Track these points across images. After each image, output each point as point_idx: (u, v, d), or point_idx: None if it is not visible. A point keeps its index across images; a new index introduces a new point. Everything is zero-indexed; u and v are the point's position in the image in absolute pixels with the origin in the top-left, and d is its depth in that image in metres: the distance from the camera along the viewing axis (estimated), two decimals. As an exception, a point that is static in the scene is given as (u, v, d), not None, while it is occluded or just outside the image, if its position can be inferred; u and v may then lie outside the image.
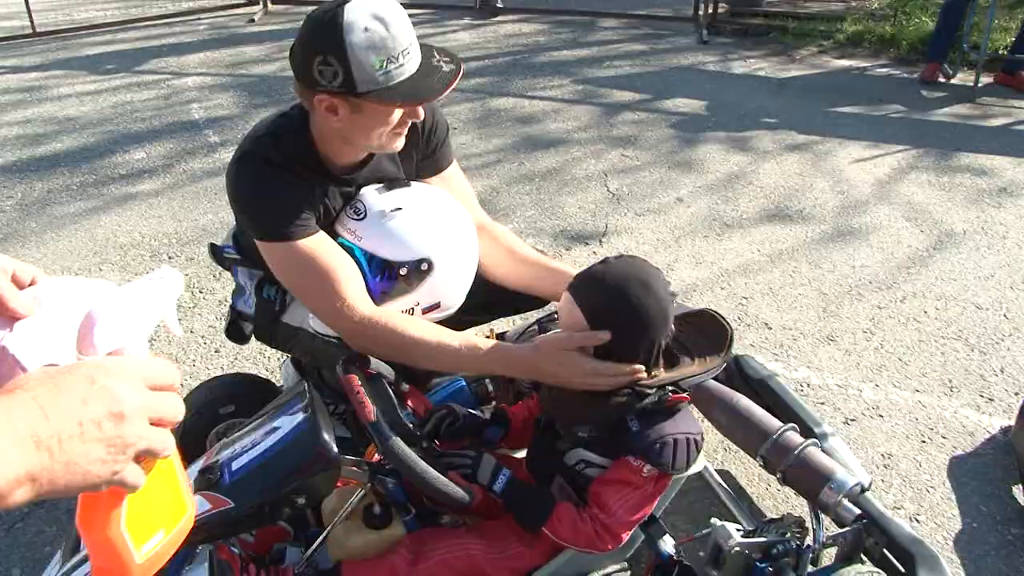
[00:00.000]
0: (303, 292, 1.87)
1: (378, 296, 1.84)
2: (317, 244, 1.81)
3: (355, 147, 1.87)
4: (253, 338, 2.24)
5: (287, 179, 1.80)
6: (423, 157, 2.05)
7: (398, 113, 1.75)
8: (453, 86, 1.76)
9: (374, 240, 1.83)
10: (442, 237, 1.86)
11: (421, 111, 1.80)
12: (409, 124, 1.82)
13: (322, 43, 1.65)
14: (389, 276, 1.83)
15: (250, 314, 2.15)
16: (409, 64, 1.70)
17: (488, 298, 2.13)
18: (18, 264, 0.83)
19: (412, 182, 1.96)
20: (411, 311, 1.87)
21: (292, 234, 1.79)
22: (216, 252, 2.21)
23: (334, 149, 1.86)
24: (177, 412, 0.76)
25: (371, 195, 1.88)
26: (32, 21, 6.87)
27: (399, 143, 1.85)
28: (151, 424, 0.72)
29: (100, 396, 0.68)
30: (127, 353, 0.76)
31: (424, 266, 1.82)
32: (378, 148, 1.86)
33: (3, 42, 6.86)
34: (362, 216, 1.85)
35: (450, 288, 1.92)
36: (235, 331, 2.23)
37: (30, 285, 0.82)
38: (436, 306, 1.92)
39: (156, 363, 0.76)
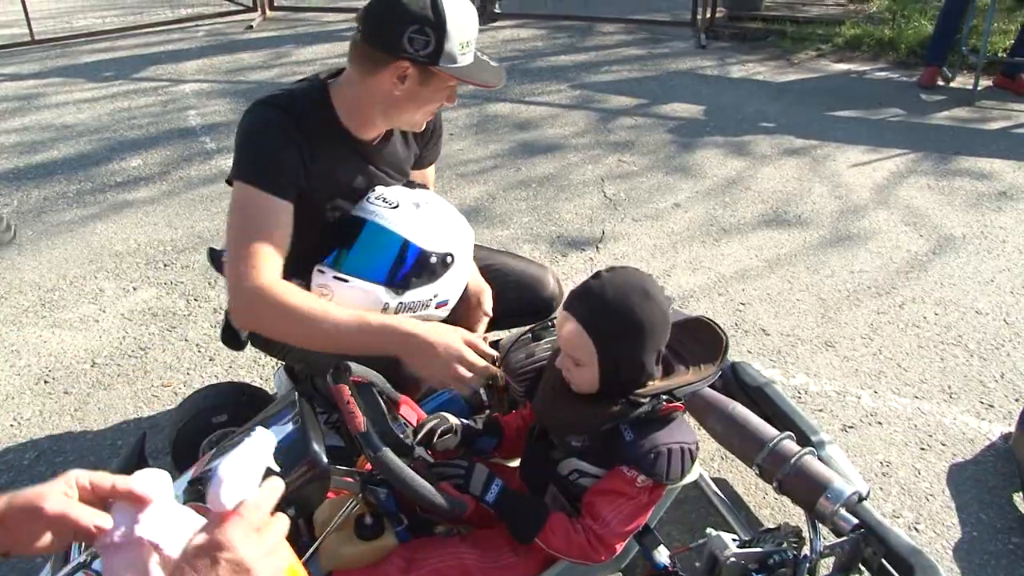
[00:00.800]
0: (230, 237, 1.86)
1: (401, 280, 1.90)
2: (271, 205, 1.83)
3: (388, 120, 1.96)
4: (248, 346, 2.22)
5: (290, 136, 1.86)
6: (420, 152, 2.17)
7: (445, 94, 1.91)
8: (503, 81, 1.98)
9: (411, 228, 1.90)
10: (460, 235, 2.00)
11: (447, 103, 1.96)
12: (451, 103, 1.97)
13: (422, 15, 1.76)
14: (419, 263, 1.90)
15: None
16: (472, 52, 1.87)
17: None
18: (93, 475, 0.96)
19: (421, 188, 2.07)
20: (427, 303, 1.95)
21: (260, 183, 1.82)
22: (215, 257, 2.21)
23: (361, 120, 1.95)
24: (282, 532, 0.94)
25: (399, 189, 2.00)
26: (31, 29, 6.87)
27: (424, 123, 2.01)
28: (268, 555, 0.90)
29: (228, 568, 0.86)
30: (247, 503, 0.90)
31: (449, 259, 1.93)
32: (410, 124, 1.99)
33: (2, 50, 6.85)
34: (396, 206, 1.93)
35: (459, 285, 2.04)
36: (231, 337, 2.21)
37: (113, 490, 0.95)
38: (445, 303, 2.01)
39: (263, 505, 0.92)
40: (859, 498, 1.84)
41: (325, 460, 1.56)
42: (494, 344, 2.21)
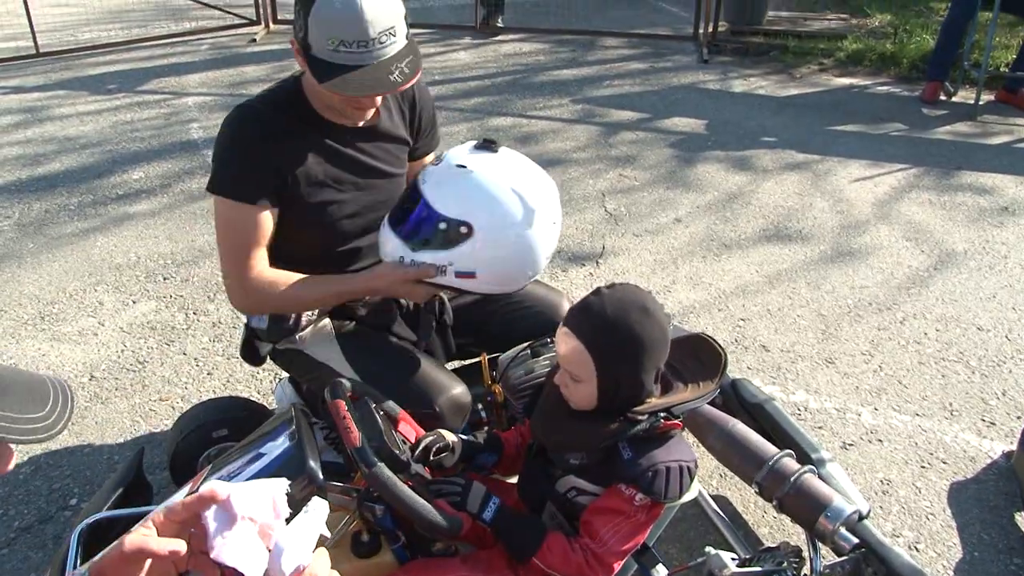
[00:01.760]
0: (218, 246, 2.00)
1: (408, 236, 1.88)
2: (244, 214, 1.90)
3: (324, 108, 1.94)
4: (245, 359, 2.22)
5: (261, 140, 1.89)
6: (414, 142, 2.16)
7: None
8: (375, 96, 1.87)
9: (431, 187, 1.85)
10: (496, 210, 1.82)
11: (364, 99, 1.86)
12: (368, 105, 1.90)
13: (305, 5, 1.75)
14: (428, 224, 1.84)
15: (264, 330, 2.13)
16: (364, 57, 1.74)
17: (502, 331, 2.20)
18: (163, 508, 1.02)
19: (507, 151, 1.93)
20: (443, 269, 1.86)
21: (230, 194, 1.90)
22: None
23: (322, 107, 1.94)
24: None
25: (458, 148, 1.91)
26: (36, 42, 6.89)
27: (360, 117, 1.95)
28: None
29: None
30: (305, 570, 1.00)
31: (463, 229, 1.81)
32: (342, 115, 1.94)
33: (7, 63, 6.87)
34: (439, 163, 1.89)
35: (492, 265, 1.88)
36: (249, 351, 2.20)
37: (184, 507, 1.01)
38: (471, 275, 1.88)
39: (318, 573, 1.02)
40: (859, 517, 1.82)
41: (321, 476, 1.56)
42: (493, 360, 2.21)
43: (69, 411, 1.06)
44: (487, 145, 1.88)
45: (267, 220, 1.93)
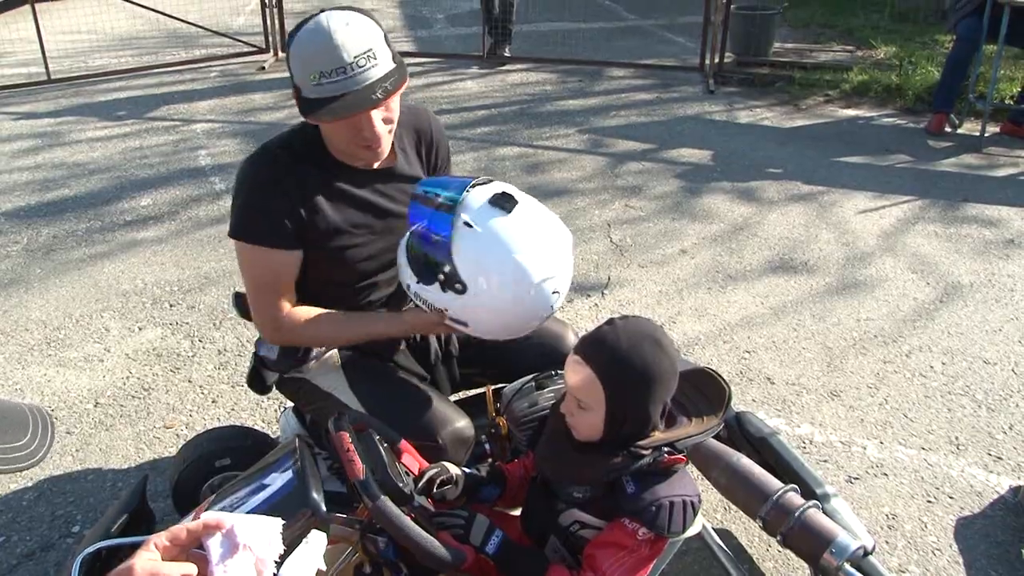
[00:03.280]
0: (248, 291, 2.00)
1: (418, 271, 1.85)
2: (266, 257, 1.91)
3: (334, 150, 1.95)
4: (251, 388, 2.22)
5: (279, 185, 1.89)
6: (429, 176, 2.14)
7: (339, 125, 1.82)
8: (375, 128, 1.84)
9: (457, 243, 1.80)
10: (492, 280, 1.76)
11: (365, 132, 1.84)
12: (372, 141, 1.87)
13: (286, 47, 1.82)
14: (432, 268, 1.80)
15: (273, 359, 2.13)
16: (346, 83, 1.75)
17: (506, 363, 2.19)
18: (168, 533, 1.04)
19: (522, 208, 1.82)
20: (442, 312, 1.84)
21: (251, 239, 1.90)
22: (240, 302, 2.19)
23: (335, 151, 1.96)
24: None
25: (476, 195, 1.81)
26: (47, 68, 6.96)
27: (372, 156, 1.93)
28: None
29: None
30: None
31: (458, 285, 1.77)
32: (350, 156, 1.95)
33: (19, 88, 6.94)
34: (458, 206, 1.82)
35: (484, 321, 1.85)
36: (256, 380, 2.21)
37: (189, 534, 1.04)
38: (464, 324, 1.85)
39: None
40: (864, 552, 1.81)
41: (324, 508, 1.55)
42: (497, 392, 2.20)
43: (49, 439, 1.08)
44: (503, 203, 1.79)
45: (291, 262, 1.95)
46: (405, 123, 2.05)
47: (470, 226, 1.76)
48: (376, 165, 1.99)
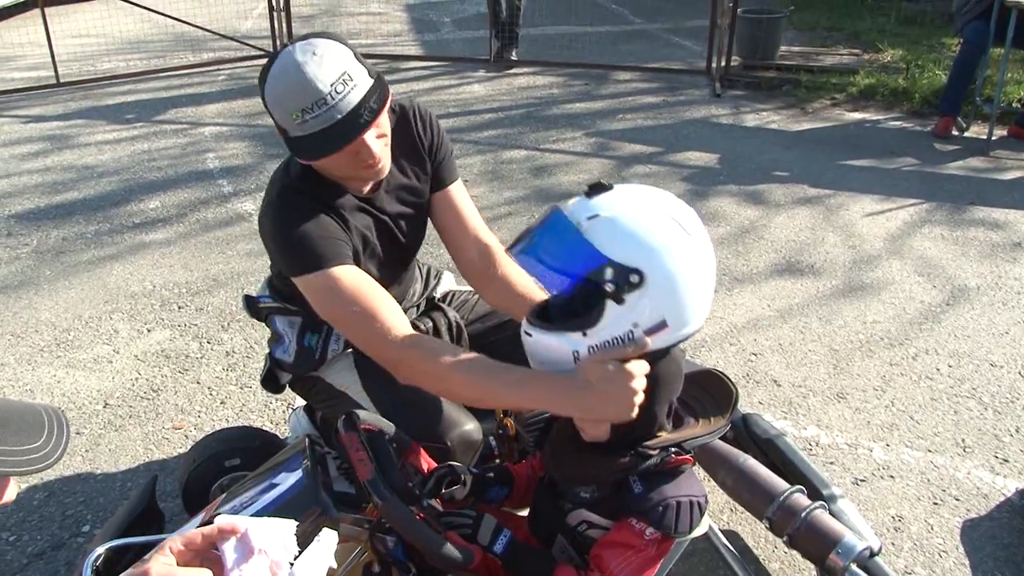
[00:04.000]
0: (342, 321, 1.87)
1: (573, 323, 1.53)
2: (350, 273, 1.83)
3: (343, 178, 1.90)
4: (261, 389, 2.24)
5: (316, 209, 1.84)
6: (432, 172, 2.09)
7: (337, 155, 1.76)
8: (350, 141, 1.73)
9: (566, 259, 1.53)
10: (652, 235, 1.48)
11: (363, 155, 1.79)
12: (369, 159, 1.81)
13: (261, 93, 1.76)
14: (593, 292, 1.49)
15: (289, 363, 2.14)
16: (330, 113, 1.70)
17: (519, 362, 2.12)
18: (182, 537, 1.06)
19: (615, 185, 1.56)
20: (631, 335, 1.49)
21: (325, 263, 1.80)
22: (251, 304, 2.19)
23: (336, 177, 1.90)
24: None
25: (570, 203, 1.55)
26: (57, 71, 7.00)
27: (373, 173, 1.86)
28: None
29: None
30: None
31: (634, 278, 1.45)
32: (356, 180, 1.89)
33: (28, 92, 6.98)
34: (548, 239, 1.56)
35: (681, 300, 1.51)
36: (271, 381, 2.22)
37: (204, 539, 1.07)
38: (662, 325, 1.50)
39: None
40: (871, 553, 1.82)
41: (333, 508, 1.56)
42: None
43: (65, 440, 1.07)
44: (599, 187, 1.54)
45: (367, 277, 1.86)
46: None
47: (596, 216, 1.48)
48: (373, 189, 1.97)
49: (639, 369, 1.51)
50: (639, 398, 1.52)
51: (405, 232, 2.08)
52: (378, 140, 1.81)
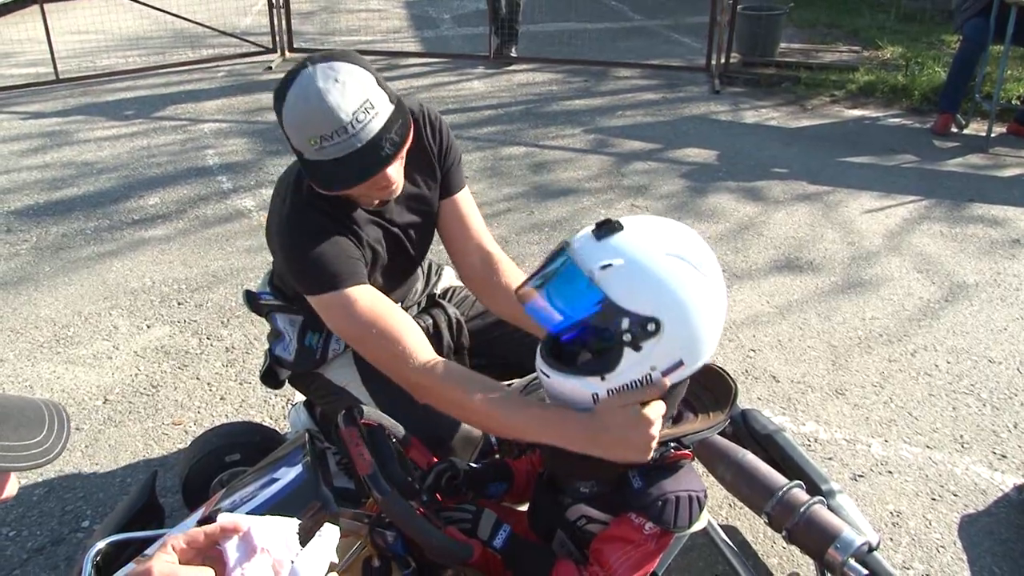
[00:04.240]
0: (359, 341, 1.85)
1: (591, 368, 1.54)
2: (367, 293, 1.81)
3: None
4: (259, 385, 2.24)
5: (329, 225, 1.82)
6: (442, 177, 2.07)
7: None
8: (370, 178, 1.72)
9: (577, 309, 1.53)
10: (665, 283, 1.47)
11: (381, 183, 1.76)
12: (389, 182, 1.79)
13: (277, 112, 1.72)
14: (610, 341, 1.50)
15: (289, 361, 2.14)
16: (350, 142, 1.66)
17: (517, 358, 2.14)
18: (184, 536, 1.06)
19: (629, 221, 1.54)
20: (649, 378, 1.51)
21: (340, 283, 1.79)
22: (252, 299, 2.19)
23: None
24: None
25: (579, 244, 1.53)
26: (56, 68, 6.99)
27: (386, 195, 1.85)
28: None
29: None
30: None
31: (650, 326, 1.46)
32: (365, 198, 1.86)
33: (27, 88, 6.97)
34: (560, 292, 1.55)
35: (695, 337, 1.52)
36: (271, 377, 2.22)
37: (207, 538, 1.07)
38: (678, 363, 1.51)
39: None
40: (869, 548, 1.82)
41: (333, 502, 1.57)
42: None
43: (66, 435, 1.06)
44: (608, 227, 1.51)
45: (383, 295, 1.85)
46: None
47: (608, 265, 1.47)
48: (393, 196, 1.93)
49: (656, 412, 1.53)
50: (656, 442, 1.55)
51: (415, 241, 2.07)
52: (397, 166, 1.79)
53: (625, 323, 1.46)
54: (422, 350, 1.78)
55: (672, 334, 1.47)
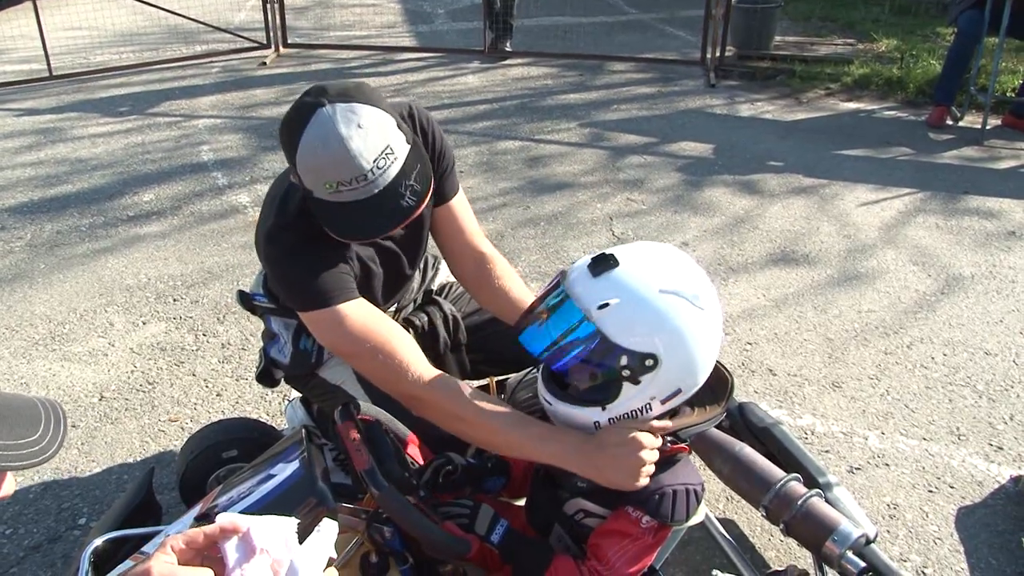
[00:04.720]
0: (352, 356, 1.85)
1: (592, 399, 1.60)
2: (358, 308, 1.80)
3: None
4: (255, 382, 2.23)
5: (319, 242, 1.78)
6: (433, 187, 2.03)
7: None
8: (394, 230, 1.72)
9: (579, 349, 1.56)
10: (664, 319, 1.52)
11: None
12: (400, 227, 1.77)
13: (287, 147, 1.66)
14: (611, 376, 1.55)
15: (284, 363, 2.14)
16: (368, 188, 1.64)
17: (514, 355, 2.11)
18: (183, 536, 1.05)
19: (623, 252, 1.58)
20: (648, 407, 1.57)
21: (331, 299, 1.77)
22: (246, 299, 2.18)
23: None
24: None
25: (576, 281, 1.57)
26: (49, 64, 6.97)
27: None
28: None
29: None
30: None
31: (648, 362, 1.51)
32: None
33: (20, 85, 6.95)
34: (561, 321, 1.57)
35: (692, 368, 1.57)
36: (266, 376, 2.21)
37: (206, 538, 1.06)
38: (676, 392, 1.58)
39: None
40: (867, 541, 1.83)
41: (330, 498, 1.57)
42: (501, 384, 2.22)
43: (62, 433, 1.05)
44: (604, 263, 1.55)
45: (375, 309, 1.85)
46: None
47: (606, 305, 1.51)
48: None
49: (651, 442, 1.57)
50: (648, 469, 1.57)
51: (409, 254, 2.06)
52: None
53: (624, 359, 1.52)
54: (417, 363, 1.77)
55: (670, 367, 1.53)
